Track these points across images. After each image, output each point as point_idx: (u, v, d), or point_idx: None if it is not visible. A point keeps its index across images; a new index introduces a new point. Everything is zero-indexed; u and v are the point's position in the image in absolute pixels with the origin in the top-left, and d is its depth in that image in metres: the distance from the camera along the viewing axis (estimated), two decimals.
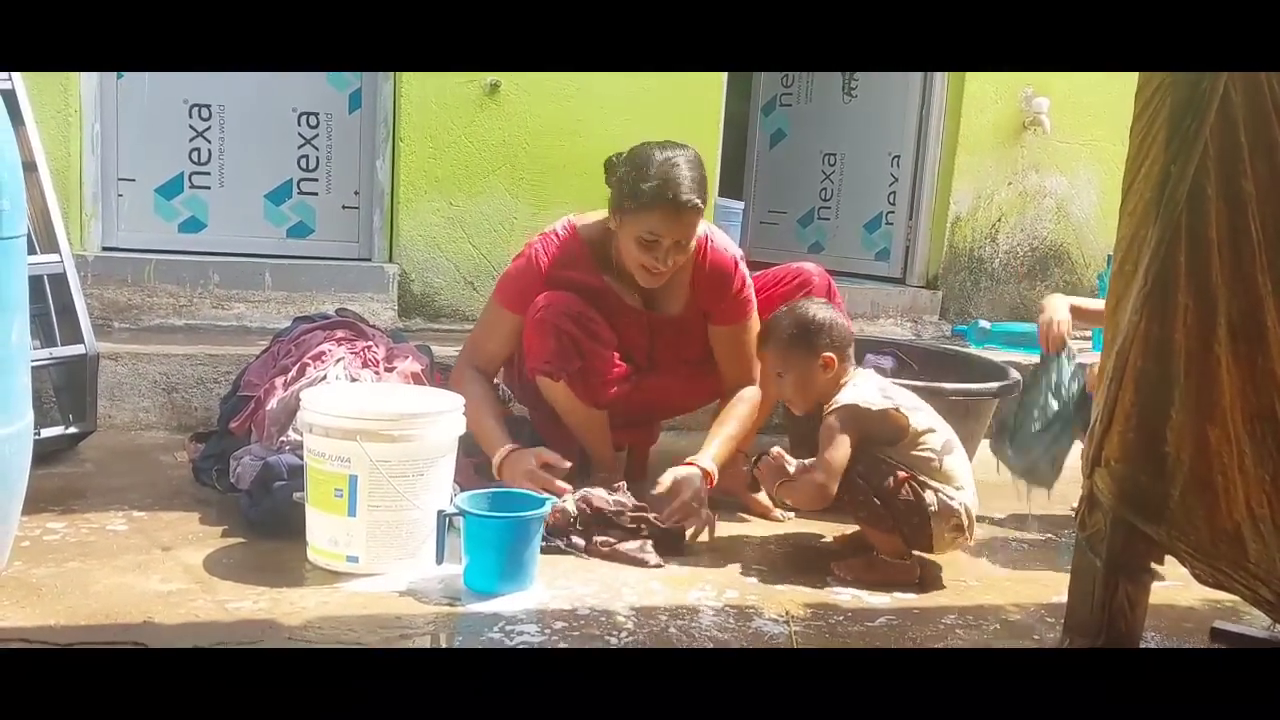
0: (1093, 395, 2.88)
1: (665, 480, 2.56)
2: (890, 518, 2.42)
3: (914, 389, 2.68)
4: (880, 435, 2.47)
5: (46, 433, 2.80)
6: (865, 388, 2.52)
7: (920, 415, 2.50)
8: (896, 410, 2.47)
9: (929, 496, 2.42)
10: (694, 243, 2.66)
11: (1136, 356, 1.97)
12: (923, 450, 2.46)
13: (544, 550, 2.35)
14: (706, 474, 2.60)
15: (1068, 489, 2.83)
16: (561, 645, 2.01)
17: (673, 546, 2.51)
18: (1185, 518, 1.97)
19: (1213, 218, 1.90)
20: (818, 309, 2.60)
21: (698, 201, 2.55)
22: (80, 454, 2.96)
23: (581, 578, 2.35)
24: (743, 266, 2.81)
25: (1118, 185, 2.05)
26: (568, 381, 2.64)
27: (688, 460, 2.62)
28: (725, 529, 2.71)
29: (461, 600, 2.18)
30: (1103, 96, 4.62)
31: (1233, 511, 1.94)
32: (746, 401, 2.79)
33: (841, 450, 2.46)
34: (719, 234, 2.83)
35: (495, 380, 2.89)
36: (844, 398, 2.50)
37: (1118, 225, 2.03)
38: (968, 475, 2.51)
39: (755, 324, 2.81)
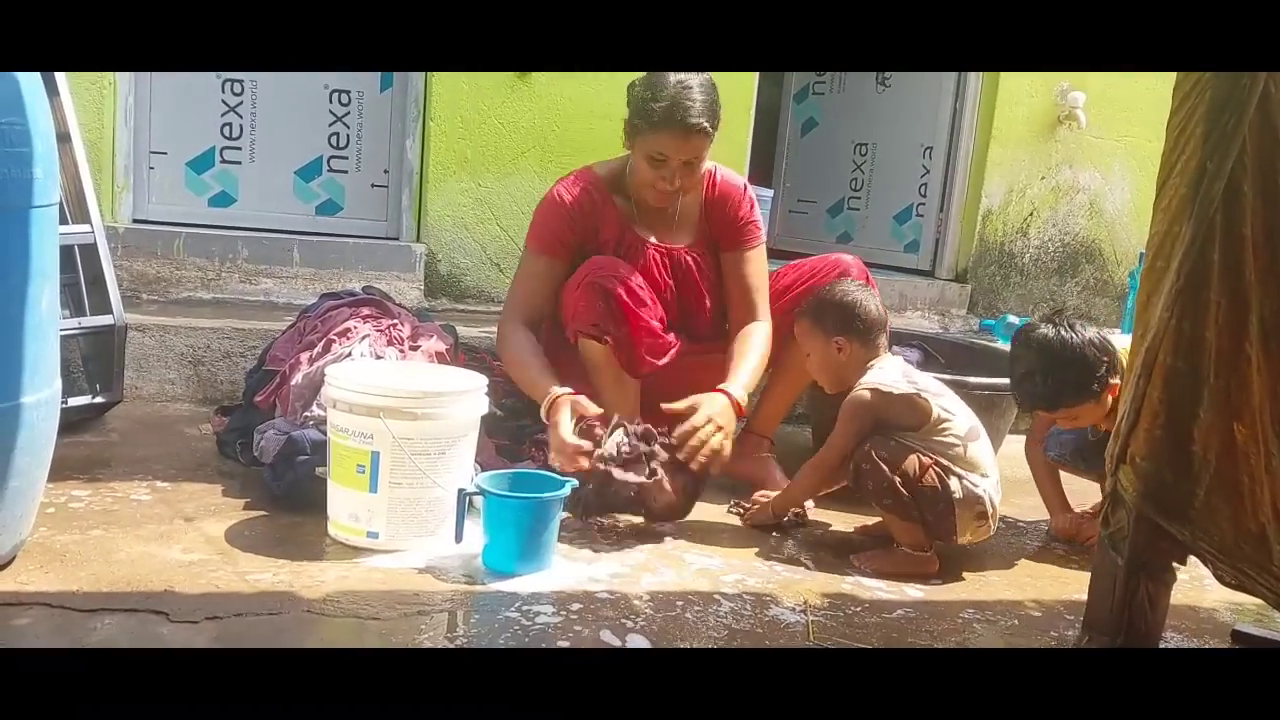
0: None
1: (684, 401, 2.54)
2: (914, 505, 2.41)
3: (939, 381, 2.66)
4: (902, 420, 2.46)
5: (74, 401, 2.82)
6: (889, 371, 2.53)
7: (944, 400, 2.49)
8: (919, 395, 2.46)
9: (953, 483, 2.41)
10: (703, 167, 2.72)
11: (1166, 354, 1.95)
12: (946, 436, 2.45)
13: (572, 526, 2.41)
14: (734, 402, 2.58)
15: (1090, 486, 2.81)
16: (578, 627, 2.02)
17: (686, 488, 2.51)
18: (1210, 518, 1.95)
19: (1248, 215, 1.88)
20: (844, 291, 2.61)
21: (706, 125, 2.61)
22: (106, 424, 2.98)
23: (601, 560, 2.35)
24: (750, 193, 2.89)
25: (1152, 182, 2.03)
26: (611, 346, 2.64)
27: (716, 387, 2.60)
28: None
29: (480, 579, 2.19)
30: (1139, 92, 4.57)
31: (1258, 513, 1.92)
32: (759, 334, 2.79)
33: (846, 441, 2.49)
34: (725, 167, 2.90)
35: None
36: (867, 380, 2.51)
37: (1151, 220, 2.01)
38: (992, 463, 2.50)
39: (762, 255, 2.88)
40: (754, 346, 2.76)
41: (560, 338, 2.74)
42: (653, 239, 2.81)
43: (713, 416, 2.52)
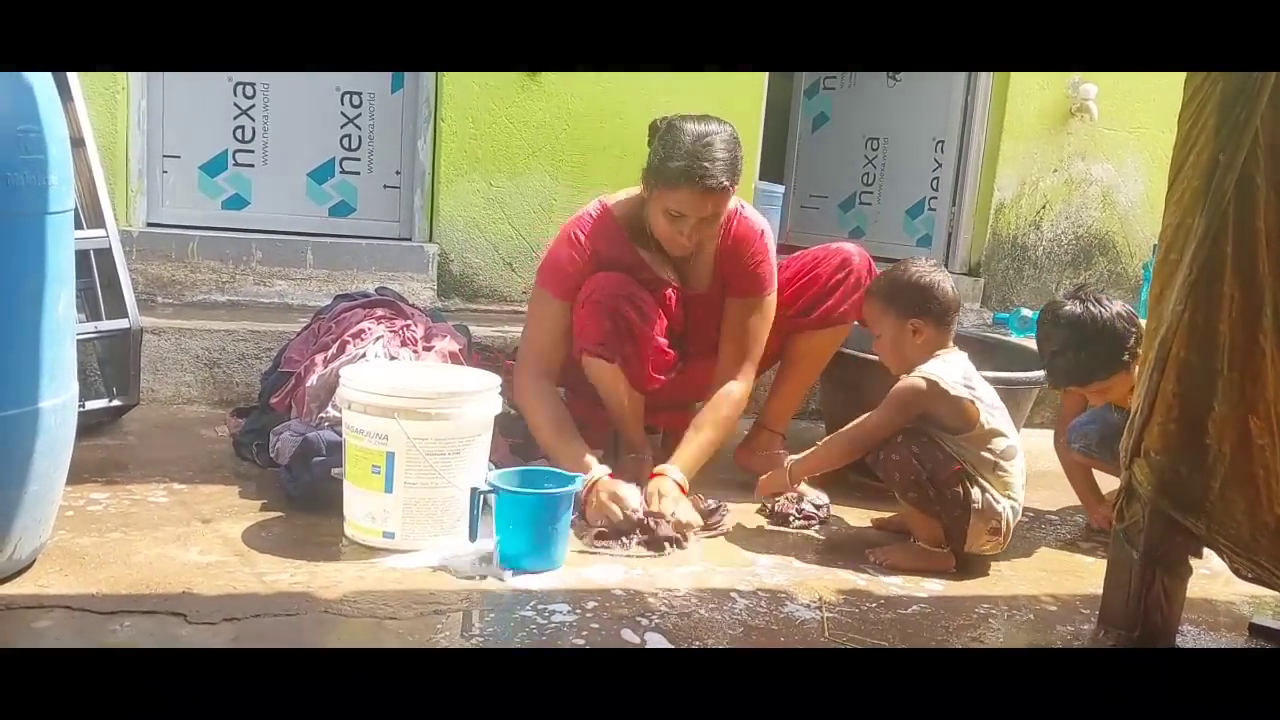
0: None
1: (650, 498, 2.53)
2: (936, 503, 2.41)
3: None
4: (946, 420, 2.44)
5: (91, 405, 2.84)
6: (952, 368, 2.48)
7: (996, 416, 2.46)
8: (972, 403, 2.43)
9: (975, 493, 2.40)
10: (723, 217, 2.66)
11: (1179, 347, 1.95)
12: (985, 450, 2.43)
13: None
14: (677, 485, 2.57)
15: (1107, 481, 2.81)
16: (594, 625, 2.02)
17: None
18: (1225, 511, 1.95)
19: (1261, 207, 1.88)
20: (922, 272, 2.55)
21: (725, 184, 2.53)
22: (123, 427, 3.00)
23: (616, 558, 2.36)
24: (768, 240, 2.79)
25: (1165, 174, 2.03)
26: (621, 364, 2.64)
27: (655, 472, 2.60)
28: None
29: (495, 578, 2.20)
30: (1151, 84, 4.55)
31: (1274, 505, 1.93)
32: (727, 403, 2.72)
33: (886, 424, 2.45)
34: (750, 209, 2.83)
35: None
36: (928, 369, 2.47)
37: (1163, 214, 2.01)
38: (1020, 487, 2.48)
39: (768, 307, 2.79)
40: (714, 421, 2.70)
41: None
42: (671, 278, 2.77)
43: (666, 495, 2.52)
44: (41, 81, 1.93)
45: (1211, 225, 1.90)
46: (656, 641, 1.98)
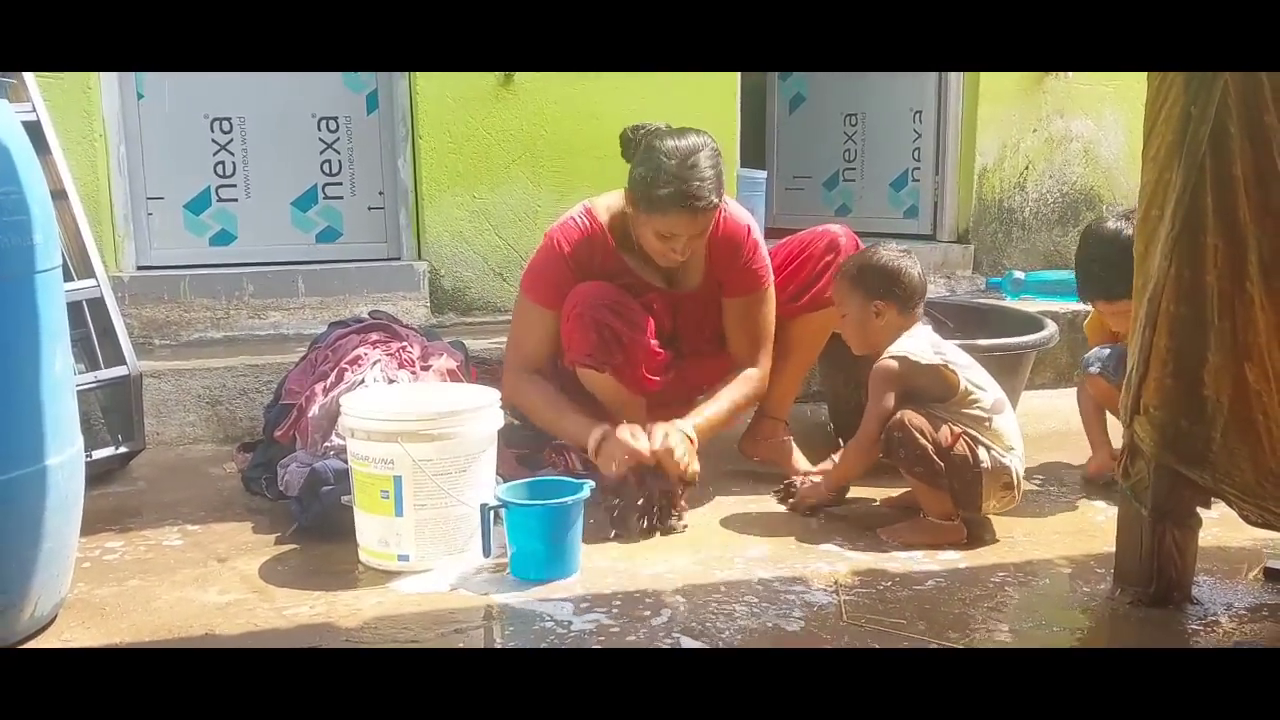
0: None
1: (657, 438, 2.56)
2: (944, 474, 2.43)
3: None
4: (929, 390, 2.48)
5: (98, 454, 2.85)
6: (918, 341, 2.53)
7: (972, 373, 2.50)
8: (947, 367, 2.47)
9: (982, 453, 2.43)
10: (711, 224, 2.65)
11: (1169, 301, 1.96)
12: (973, 409, 2.46)
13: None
14: (687, 436, 2.60)
15: (1111, 439, 2.82)
16: (613, 629, 2.04)
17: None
18: (1229, 459, 1.96)
19: (1237, 156, 1.89)
20: (890, 257, 2.60)
21: (715, 201, 2.54)
22: (132, 472, 3.01)
23: (626, 558, 2.38)
24: (755, 235, 2.79)
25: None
26: (612, 373, 2.65)
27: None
28: (771, 499, 2.74)
29: (512, 590, 2.21)
30: None
31: (1276, 450, 1.94)
32: (747, 382, 2.77)
33: (881, 410, 2.49)
34: (733, 204, 2.81)
35: None
36: (895, 348, 2.52)
37: (1141, 171, 2.02)
38: (1017, 436, 2.51)
39: (770, 296, 2.81)
40: (731, 395, 2.74)
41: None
42: (656, 282, 2.76)
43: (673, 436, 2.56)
44: (17, 141, 1.94)
45: (1190, 178, 1.92)
46: (680, 642, 1.99)
